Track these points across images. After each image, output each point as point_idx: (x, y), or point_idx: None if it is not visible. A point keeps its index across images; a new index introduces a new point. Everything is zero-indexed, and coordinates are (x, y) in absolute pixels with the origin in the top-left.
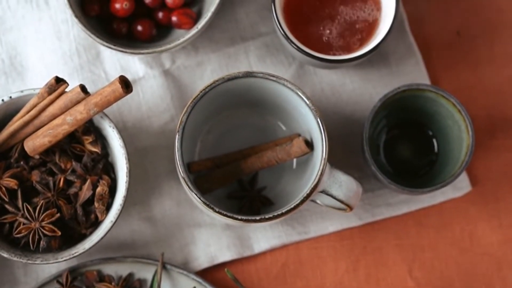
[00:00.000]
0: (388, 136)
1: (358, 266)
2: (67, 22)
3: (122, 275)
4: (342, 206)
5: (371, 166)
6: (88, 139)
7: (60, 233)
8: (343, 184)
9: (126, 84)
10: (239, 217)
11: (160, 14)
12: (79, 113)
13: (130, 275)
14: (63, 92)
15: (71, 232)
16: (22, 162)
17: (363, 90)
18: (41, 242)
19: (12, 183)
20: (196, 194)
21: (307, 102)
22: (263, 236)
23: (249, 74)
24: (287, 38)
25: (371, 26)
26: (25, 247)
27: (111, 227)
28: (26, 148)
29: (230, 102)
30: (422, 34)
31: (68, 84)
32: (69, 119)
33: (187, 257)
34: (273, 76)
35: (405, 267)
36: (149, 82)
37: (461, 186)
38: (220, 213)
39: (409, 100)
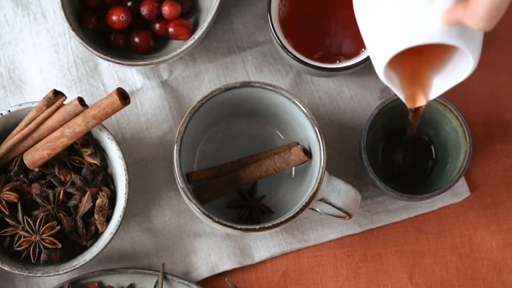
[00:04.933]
0: (386, 143)
1: (358, 273)
2: (65, 35)
3: (124, 286)
4: (341, 213)
5: (369, 173)
6: (87, 151)
7: (60, 246)
8: (341, 192)
9: (123, 96)
10: (239, 227)
11: (157, 26)
12: (77, 126)
13: (132, 286)
14: (61, 105)
15: (71, 244)
16: (21, 175)
17: (360, 98)
18: (42, 255)
19: (12, 196)
20: (195, 204)
21: (305, 110)
22: (263, 245)
23: (246, 84)
24: (283, 47)
25: None
26: (26, 260)
27: (112, 238)
28: (25, 161)
29: (228, 112)
30: None
31: (66, 97)
32: (68, 131)
33: (188, 267)
34: (270, 85)
35: (406, 273)
36: (147, 93)
37: (459, 191)
38: (220, 223)
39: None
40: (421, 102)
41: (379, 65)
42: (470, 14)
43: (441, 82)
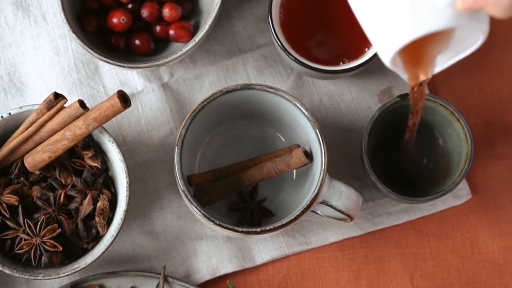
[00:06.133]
0: (387, 145)
1: (360, 276)
2: (65, 37)
3: None
4: (343, 216)
5: (370, 175)
6: (88, 154)
7: (61, 248)
8: (343, 195)
9: (124, 99)
10: (240, 229)
11: (158, 28)
12: (78, 129)
13: None
14: (62, 108)
15: (72, 247)
16: (22, 178)
17: (361, 100)
18: (43, 258)
19: (12, 199)
20: (196, 207)
21: (306, 113)
22: (265, 248)
23: (247, 87)
24: (284, 49)
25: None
26: (27, 263)
27: (112, 241)
28: (26, 164)
29: (229, 115)
30: None
31: (66, 100)
32: (69, 134)
33: (189, 270)
34: (271, 88)
35: (407, 276)
36: (148, 96)
37: (461, 194)
38: (221, 226)
39: (407, 109)
40: (423, 77)
41: (387, 55)
42: (493, 2)
43: (446, 57)
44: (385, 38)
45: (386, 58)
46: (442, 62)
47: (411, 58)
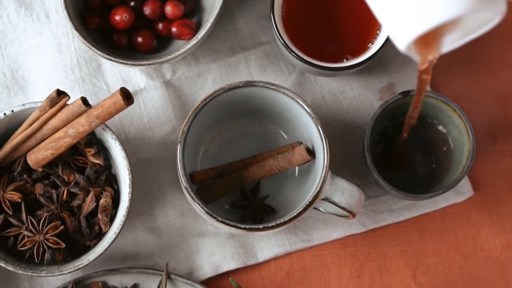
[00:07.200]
0: (389, 143)
1: (362, 273)
2: (68, 35)
3: (127, 286)
4: (345, 213)
5: (372, 172)
6: (90, 151)
7: (64, 245)
8: (345, 191)
9: (127, 96)
10: (242, 226)
11: (160, 26)
12: (81, 126)
13: (135, 285)
14: (64, 105)
15: (75, 244)
16: (25, 175)
17: (363, 97)
18: (46, 255)
19: (15, 196)
20: (199, 204)
21: (308, 110)
22: (267, 245)
23: (249, 84)
24: (286, 47)
25: (370, 33)
26: (30, 260)
27: (115, 238)
28: (29, 161)
29: (231, 112)
30: None
31: (69, 97)
32: (71, 131)
33: (191, 267)
34: (273, 85)
35: (409, 273)
36: (151, 93)
37: (463, 191)
38: (224, 223)
39: (409, 106)
40: (431, 57)
41: (404, 42)
42: None
43: (456, 36)
44: (403, 26)
45: (403, 45)
46: (453, 41)
47: (423, 41)
